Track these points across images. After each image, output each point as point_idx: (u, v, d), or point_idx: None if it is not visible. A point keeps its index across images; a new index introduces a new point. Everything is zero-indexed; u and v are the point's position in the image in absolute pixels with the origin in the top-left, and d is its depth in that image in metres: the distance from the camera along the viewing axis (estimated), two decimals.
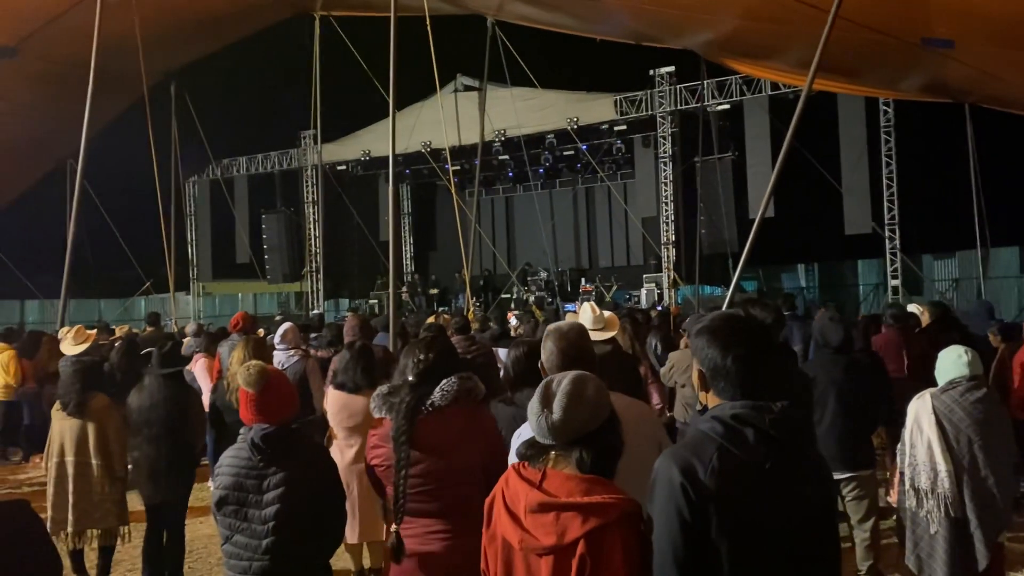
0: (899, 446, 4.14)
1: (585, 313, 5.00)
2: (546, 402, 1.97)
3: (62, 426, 4.99)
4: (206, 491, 7.49)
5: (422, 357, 2.95)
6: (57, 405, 5.07)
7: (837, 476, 4.60)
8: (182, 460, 5.04)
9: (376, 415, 2.94)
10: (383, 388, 2.98)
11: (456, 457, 2.82)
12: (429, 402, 2.84)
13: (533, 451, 2.01)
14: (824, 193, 16.11)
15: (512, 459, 2.76)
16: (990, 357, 6.50)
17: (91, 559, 5.33)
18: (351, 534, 4.62)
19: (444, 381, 2.88)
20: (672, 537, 1.81)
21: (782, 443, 1.86)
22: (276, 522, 2.82)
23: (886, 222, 16.35)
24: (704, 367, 2.01)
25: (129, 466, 5.09)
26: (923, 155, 16.09)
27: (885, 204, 16.31)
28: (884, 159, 16.29)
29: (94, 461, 4.91)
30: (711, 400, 2.02)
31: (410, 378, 2.92)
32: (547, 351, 2.76)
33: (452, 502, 2.81)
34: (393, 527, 2.81)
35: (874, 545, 4.82)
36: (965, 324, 7.60)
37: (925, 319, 7.71)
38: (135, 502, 5.25)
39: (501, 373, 6.26)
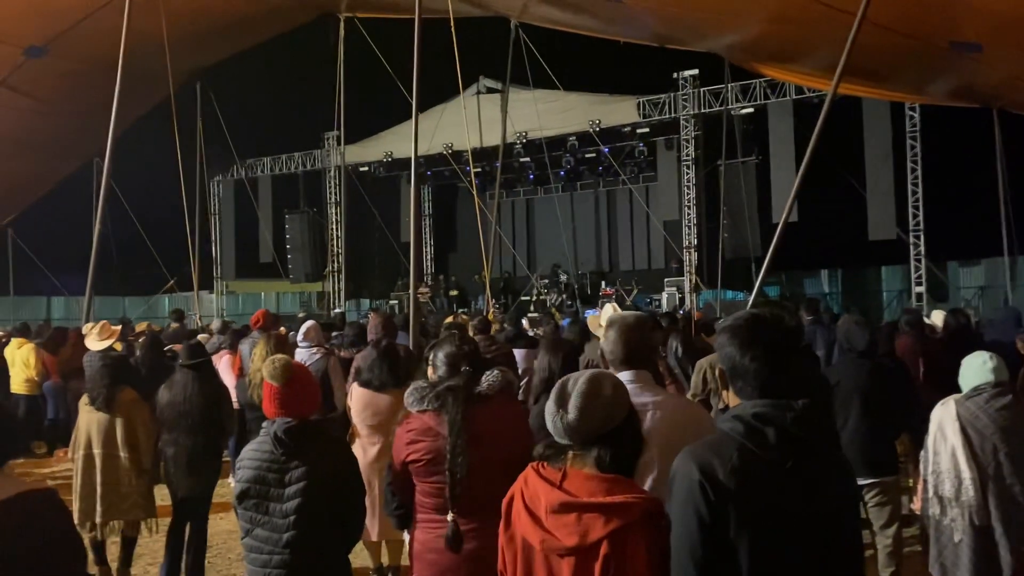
0: (922, 453, 4.09)
1: (607, 314, 4.99)
2: (561, 402, 1.96)
3: (89, 419, 5.05)
4: (226, 487, 7.54)
5: (467, 348, 3.00)
6: (84, 399, 5.13)
7: (860, 482, 4.56)
8: (215, 452, 5.11)
9: (414, 409, 2.92)
10: (421, 382, 2.99)
11: (500, 448, 2.81)
12: (477, 391, 2.87)
13: (552, 451, 2.00)
14: (848, 198, 15.96)
15: None
16: (1016, 365, 6.41)
17: (112, 552, 5.38)
18: (372, 531, 4.64)
19: (488, 372, 2.93)
20: (690, 535, 1.81)
21: (804, 442, 1.85)
22: (297, 516, 2.83)
23: (911, 228, 16.16)
24: (724, 365, 2.00)
25: (162, 461, 5.13)
26: (949, 160, 15.89)
27: (910, 210, 16.12)
28: (909, 164, 16.09)
29: (122, 454, 4.97)
30: (732, 399, 2.01)
31: (464, 367, 2.94)
32: (610, 341, 2.74)
33: (488, 497, 2.77)
34: (450, 515, 2.79)
35: (896, 552, 4.77)
36: (980, 333, 7.51)
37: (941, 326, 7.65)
38: (160, 496, 5.30)
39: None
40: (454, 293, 21.72)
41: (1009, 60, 10.11)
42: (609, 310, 5.08)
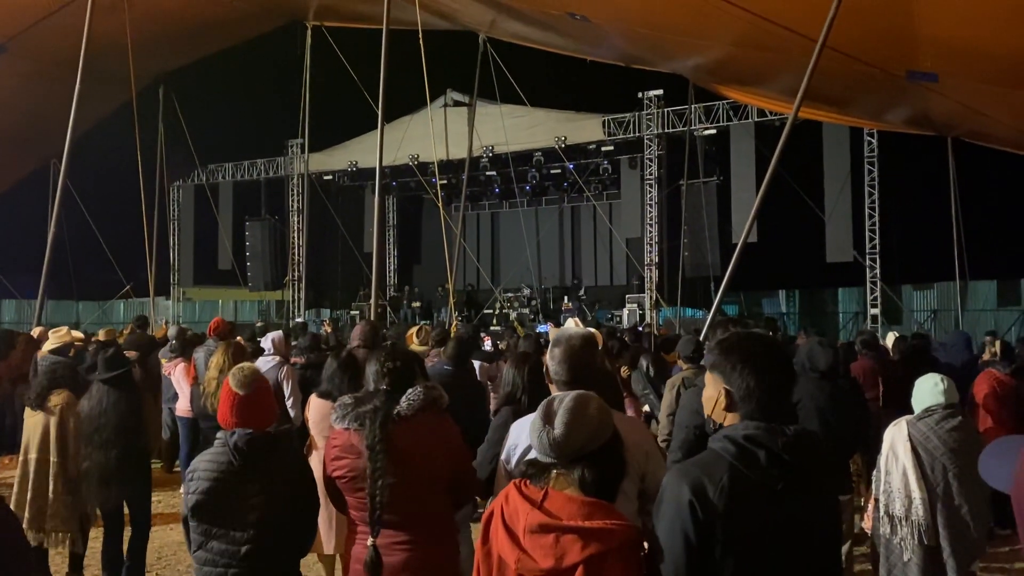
0: (874, 472, 4.16)
1: (569, 328, 5.00)
2: (548, 418, 1.96)
3: (28, 424, 4.90)
4: (177, 498, 7.41)
5: (390, 365, 2.92)
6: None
7: None
8: (135, 464, 4.93)
9: (337, 425, 2.88)
10: (346, 398, 2.94)
11: (422, 467, 2.79)
12: (396, 411, 2.81)
13: (535, 469, 1.99)
14: (807, 220, 16.27)
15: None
16: (966, 387, 6.54)
17: (56, 562, 5.24)
18: (328, 545, 4.58)
19: (410, 391, 2.85)
20: (676, 554, 1.81)
21: (793, 466, 1.86)
22: (255, 529, 2.79)
23: (867, 251, 16.51)
24: (733, 387, 1.98)
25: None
26: (905, 186, 16.29)
27: (867, 233, 16.48)
28: (867, 189, 16.46)
29: (52, 459, 4.80)
30: (730, 420, 2.01)
31: (383, 386, 2.89)
32: (555, 359, 2.71)
33: (415, 512, 2.79)
34: (370, 540, 2.76)
35: (847, 570, 4.83)
36: (934, 357, 7.66)
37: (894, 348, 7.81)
38: None
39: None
40: (416, 305, 21.65)
41: (963, 91, 10.38)
42: (571, 324, 5.09)
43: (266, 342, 6.36)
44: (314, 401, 4.77)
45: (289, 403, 5.89)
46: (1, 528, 2.08)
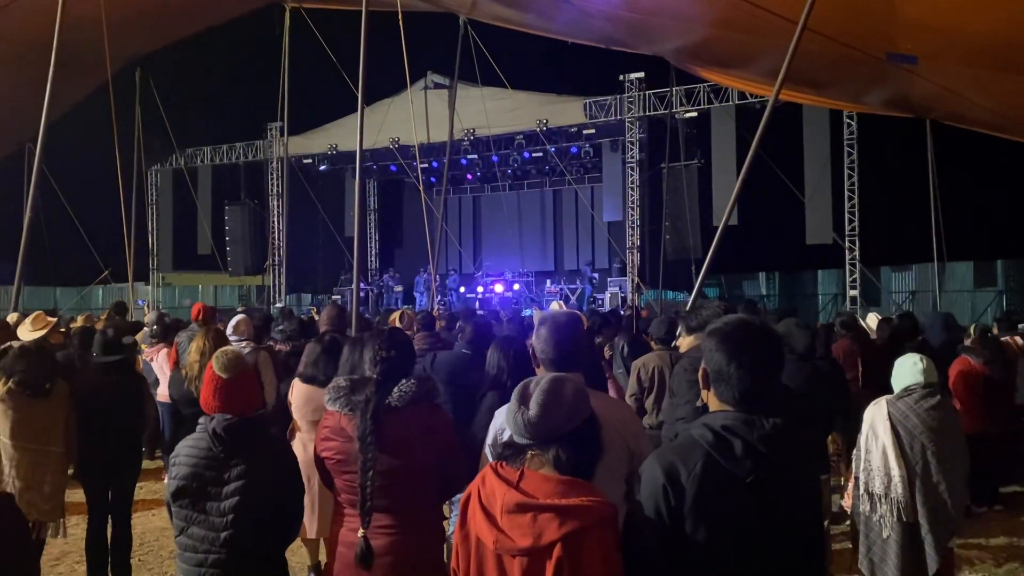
0: (854, 451, 4.21)
1: (552, 309, 5.00)
2: (524, 400, 1.97)
3: (21, 416, 4.74)
4: (158, 484, 7.38)
5: (383, 354, 2.90)
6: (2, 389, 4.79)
7: None
8: (132, 448, 4.93)
9: (330, 407, 2.88)
10: (341, 381, 2.93)
11: (411, 457, 2.79)
12: (387, 401, 2.80)
13: (511, 451, 1.99)
14: (787, 203, 16.35)
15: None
16: (945, 367, 6.61)
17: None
18: (311, 529, 4.58)
19: (403, 382, 2.84)
20: (651, 532, 1.85)
21: (768, 458, 1.88)
22: (235, 515, 2.78)
23: (847, 233, 16.63)
24: (709, 367, 2.02)
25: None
26: (884, 169, 16.40)
27: (846, 215, 16.60)
28: (847, 171, 16.57)
29: (53, 449, 4.73)
30: (711, 401, 2.04)
31: (375, 376, 2.87)
32: (540, 338, 2.72)
33: (402, 500, 2.79)
34: (360, 531, 2.76)
35: (826, 548, 4.89)
36: (923, 339, 7.74)
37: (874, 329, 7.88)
38: (72, 494, 5.06)
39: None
40: (399, 289, 21.60)
41: (942, 73, 10.43)
42: (554, 307, 5.09)
43: (235, 327, 6.21)
44: (297, 385, 4.76)
45: (265, 388, 5.81)
46: (9, 522, 2.07)
